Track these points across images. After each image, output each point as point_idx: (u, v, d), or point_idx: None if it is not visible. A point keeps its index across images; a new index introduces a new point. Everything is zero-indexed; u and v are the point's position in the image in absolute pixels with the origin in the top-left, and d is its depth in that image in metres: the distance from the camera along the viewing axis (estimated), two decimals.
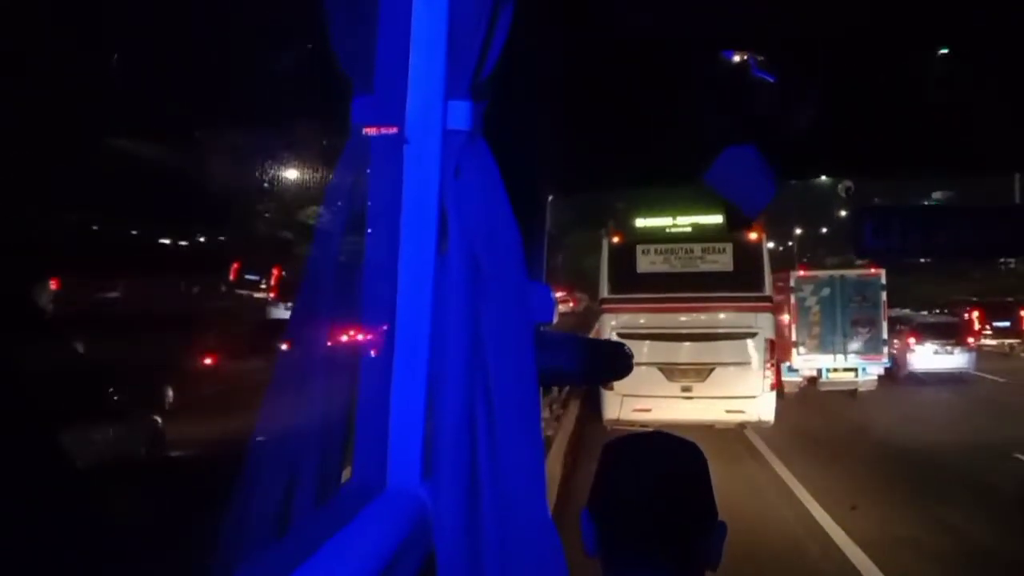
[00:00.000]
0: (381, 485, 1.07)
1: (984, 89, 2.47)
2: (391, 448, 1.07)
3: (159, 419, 9.54)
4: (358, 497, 1.04)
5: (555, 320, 1.64)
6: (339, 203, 1.07)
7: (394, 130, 1.04)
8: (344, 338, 1.12)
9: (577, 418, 11.77)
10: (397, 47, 1.03)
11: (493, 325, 1.07)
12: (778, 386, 12.06)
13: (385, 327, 1.08)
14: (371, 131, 1.05)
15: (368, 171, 1.07)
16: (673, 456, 1.31)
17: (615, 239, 12.17)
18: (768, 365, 11.32)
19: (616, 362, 1.77)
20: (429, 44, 1.03)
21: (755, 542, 6.72)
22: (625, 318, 11.61)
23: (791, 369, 15.61)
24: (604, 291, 11.96)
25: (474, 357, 1.07)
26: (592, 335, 11.79)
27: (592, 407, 12.13)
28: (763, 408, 11.29)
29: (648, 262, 11.82)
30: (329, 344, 1.11)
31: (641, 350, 10.89)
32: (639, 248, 11.94)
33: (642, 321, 11.56)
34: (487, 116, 1.10)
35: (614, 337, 11.15)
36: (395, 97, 1.04)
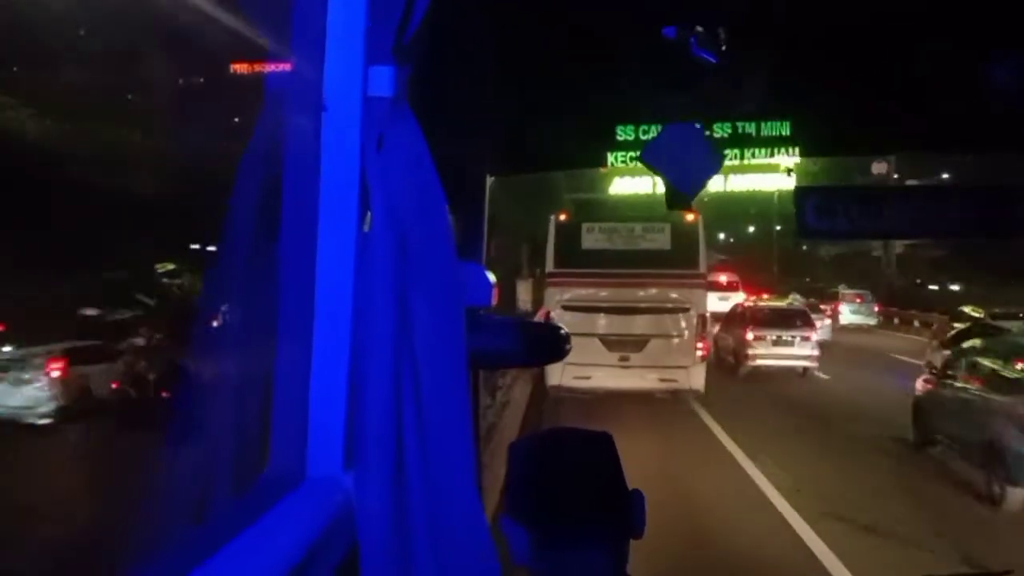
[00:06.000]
0: (301, 474, 1.01)
1: (931, 67, 2.47)
2: (311, 435, 1.02)
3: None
4: (276, 486, 0.98)
5: (494, 302, 1.59)
6: (253, 176, 1.00)
7: (311, 96, 0.97)
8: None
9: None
10: (314, 8, 0.96)
11: (421, 306, 1.02)
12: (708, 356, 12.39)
13: (304, 308, 1.01)
14: (287, 98, 0.98)
15: (284, 141, 1.00)
16: (581, 446, 1.37)
17: (562, 217, 12.77)
18: (700, 338, 12.07)
19: (553, 346, 1.76)
20: (348, 5, 0.96)
21: None
22: (569, 292, 12.13)
23: None
24: (550, 265, 12.47)
25: (400, 340, 1.01)
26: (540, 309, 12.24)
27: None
28: (694, 378, 12.04)
29: (592, 239, 12.34)
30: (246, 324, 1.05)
31: (583, 321, 11.62)
32: (584, 226, 12.48)
33: (585, 294, 12.13)
34: (421, 89, 1.04)
35: (558, 310, 11.87)
36: (312, 61, 0.97)
